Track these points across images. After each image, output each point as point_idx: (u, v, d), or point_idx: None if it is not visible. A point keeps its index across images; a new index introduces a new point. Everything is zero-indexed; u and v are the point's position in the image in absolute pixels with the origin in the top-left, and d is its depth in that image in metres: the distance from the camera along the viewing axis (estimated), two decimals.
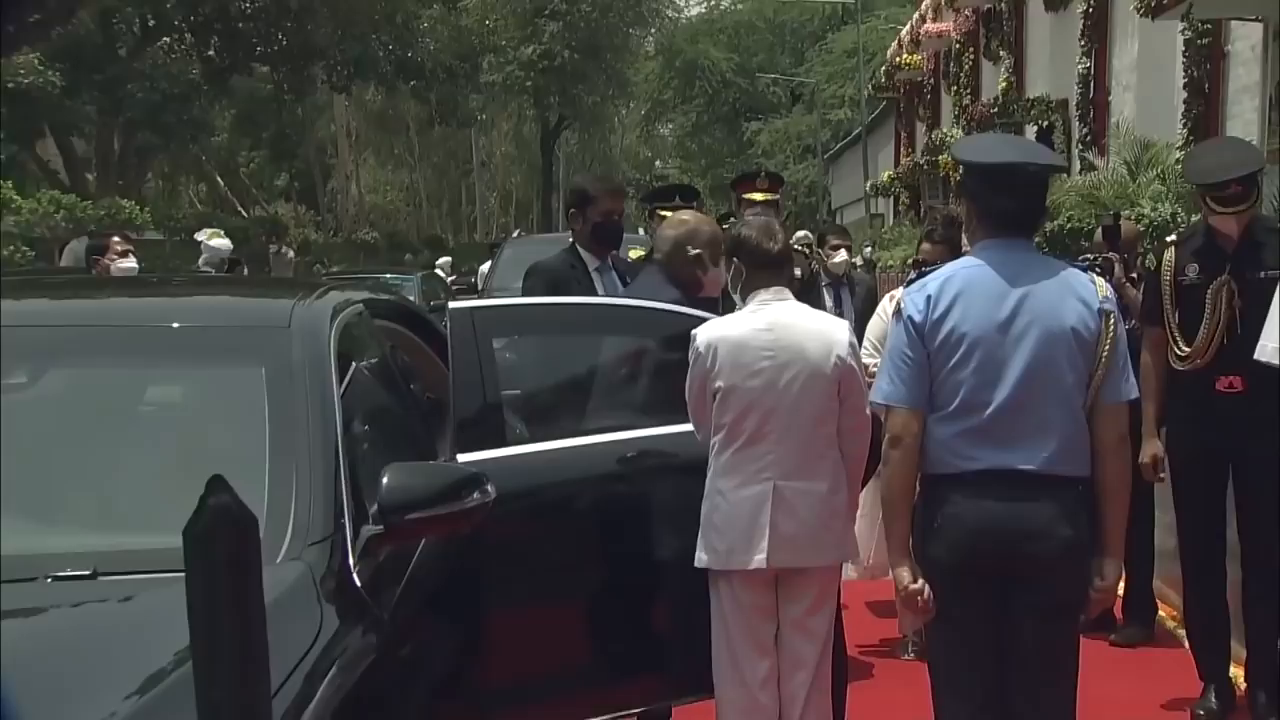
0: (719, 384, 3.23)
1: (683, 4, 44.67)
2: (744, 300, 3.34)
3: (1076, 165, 12.66)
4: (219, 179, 34.88)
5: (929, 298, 2.81)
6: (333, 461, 2.44)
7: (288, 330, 2.71)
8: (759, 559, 3.19)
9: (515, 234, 22.90)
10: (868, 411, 3.24)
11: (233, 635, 1.36)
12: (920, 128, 22.58)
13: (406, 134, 40.42)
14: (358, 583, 2.31)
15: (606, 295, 4.15)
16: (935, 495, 2.81)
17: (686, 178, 41.81)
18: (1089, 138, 13.18)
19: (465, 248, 31.67)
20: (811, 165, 38.26)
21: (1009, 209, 2.82)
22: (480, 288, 14.88)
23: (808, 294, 4.92)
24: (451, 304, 3.49)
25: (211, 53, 25.64)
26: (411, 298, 12.69)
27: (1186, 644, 4.88)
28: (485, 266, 15.90)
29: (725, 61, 42.19)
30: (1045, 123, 14.48)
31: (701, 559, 3.27)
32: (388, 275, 16.47)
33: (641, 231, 8.51)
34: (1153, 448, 4.15)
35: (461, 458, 3.10)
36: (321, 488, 2.37)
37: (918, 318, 2.80)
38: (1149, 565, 4.97)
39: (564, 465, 3.29)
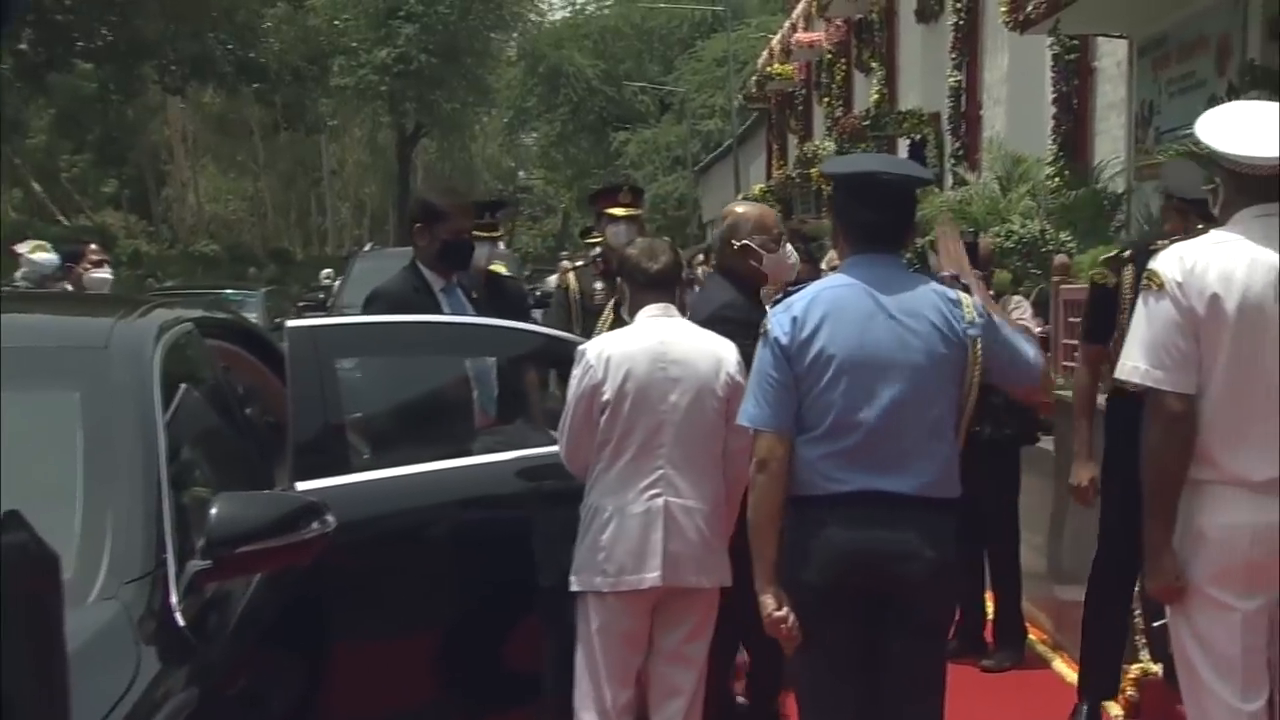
0: (608, 397, 3.29)
1: (546, 8, 44.85)
2: (632, 318, 3.45)
3: (949, 180, 13.08)
4: (35, 184, 33.54)
5: (794, 319, 2.86)
6: (154, 492, 2.37)
7: (105, 351, 2.65)
8: (652, 577, 3.25)
9: (368, 247, 22.59)
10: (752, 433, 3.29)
11: (31, 684, 1.30)
12: (792, 139, 23.04)
13: (250, 139, 39.55)
14: (181, 622, 2.24)
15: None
16: (804, 518, 2.86)
17: (551, 189, 41.94)
18: (961, 152, 13.62)
19: (314, 261, 31.11)
20: (681, 177, 38.69)
21: (871, 221, 2.90)
22: (328, 304, 14.64)
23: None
24: (289, 322, 3.44)
25: (24, 46, 24.64)
26: (254, 315, 12.39)
27: (1059, 665, 5.07)
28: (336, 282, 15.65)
29: (591, 68, 42.41)
30: (918, 136, 14.93)
31: (585, 581, 3.29)
32: (228, 291, 16.06)
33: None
34: (1089, 471, 4.21)
35: (300, 486, 3.05)
36: (141, 520, 2.30)
37: (784, 339, 2.85)
38: (1017, 588, 5.14)
39: (411, 492, 3.26)
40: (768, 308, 3.23)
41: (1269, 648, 2.75)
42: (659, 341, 3.35)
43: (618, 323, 3.75)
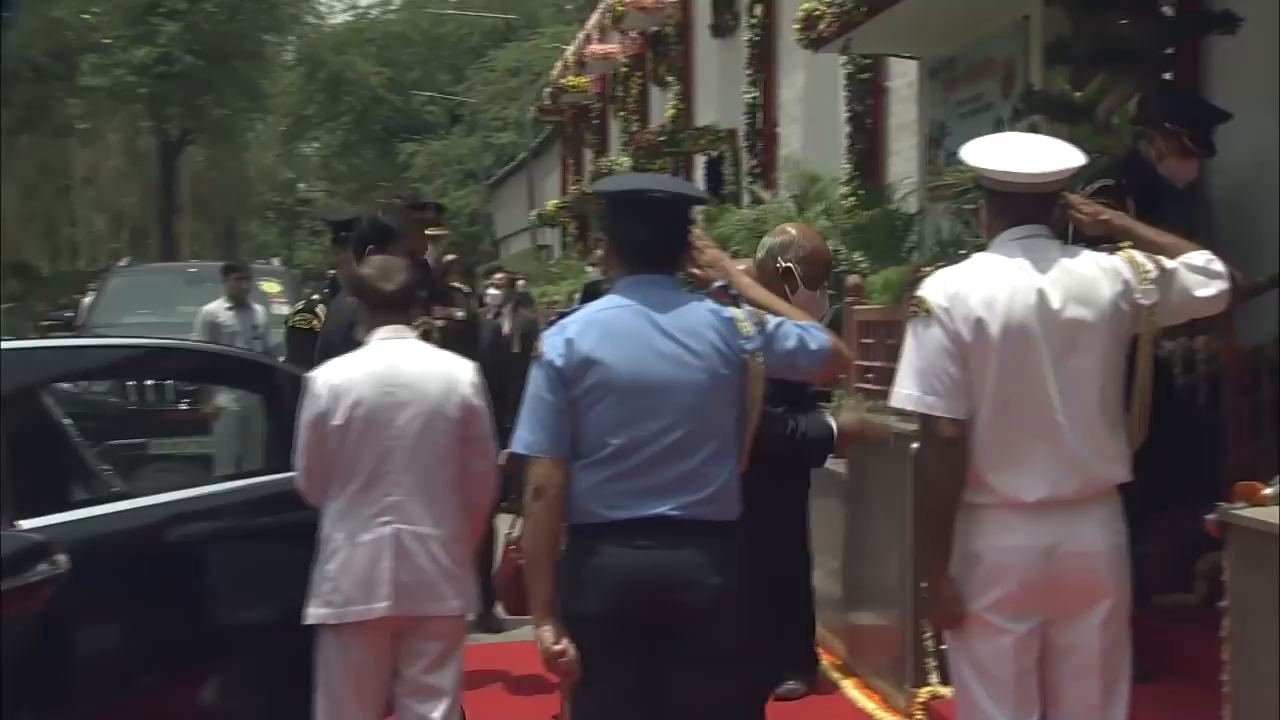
0: (336, 423, 3.33)
1: (325, 11, 44.00)
2: (365, 341, 3.47)
3: (745, 198, 13.42)
4: None
5: (569, 340, 2.89)
6: None
7: None
8: (381, 607, 3.29)
9: (123, 262, 21.58)
10: (494, 456, 3.42)
11: None
12: (588, 154, 23.24)
13: None
14: None
15: None
16: (581, 547, 2.89)
17: (335, 202, 41.04)
18: (758, 170, 14.00)
19: (64, 277, 29.58)
20: (473, 191, 38.52)
21: (640, 239, 2.95)
22: (77, 323, 13.97)
23: (471, 332, 4.97)
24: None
25: None
26: None
27: (851, 690, 5.24)
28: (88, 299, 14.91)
29: (376, 76, 41.84)
30: (715, 153, 15.28)
31: (314, 614, 3.32)
32: None
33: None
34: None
35: (24, 524, 2.93)
36: None
37: (559, 361, 2.88)
38: (810, 615, 5.29)
39: (136, 524, 3.26)
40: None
41: (1041, 668, 2.92)
42: (388, 365, 3.40)
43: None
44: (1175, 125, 4.73)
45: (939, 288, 2.93)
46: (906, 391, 2.92)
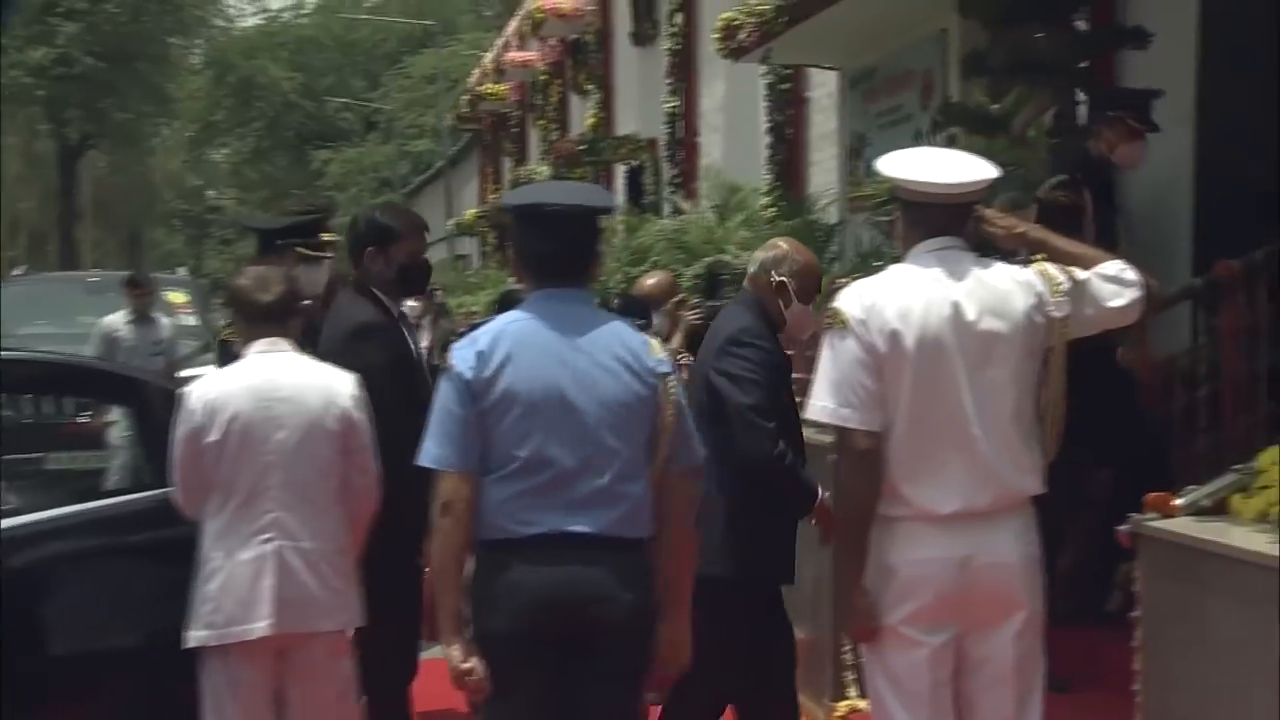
0: (212, 439, 3.32)
1: (234, 14, 43.42)
2: (243, 353, 3.47)
3: (667, 208, 13.48)
4: None
5: (479, 353, 2.89)
6: None
7: None
8: (262, 626, 3.28)
9: (19, 270, 21.06)
10: (375, 468, 3.45)
11: None
12: (507, 162, 23.20)
13: None
14: None
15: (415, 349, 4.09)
16: (491, 563, 2.89)
17: (245, 210, 40.52)
18: (679, 179, 14.08)
19: None
20: (389, 200, 38.23)
21: (546, 253, 2.96)
22: None
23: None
24: None
25: None
26: None
27: None
28: None
29: (288, 81, 41.38)
30: (635, 162, 15.34)
31: (195, 636, 3.30)
32: None
33: None
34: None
35: None
36: None
37: (468, 374, 2.88)
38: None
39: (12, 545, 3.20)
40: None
41: (955, 680, 2.97)
42: (264, 379, 3.40)
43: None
44: (1116, 111, 4.88)
45: (854, 300, 2.97)
46: (822, 404, 2.96)
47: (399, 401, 3.66)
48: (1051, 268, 3.04)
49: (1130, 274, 3.05)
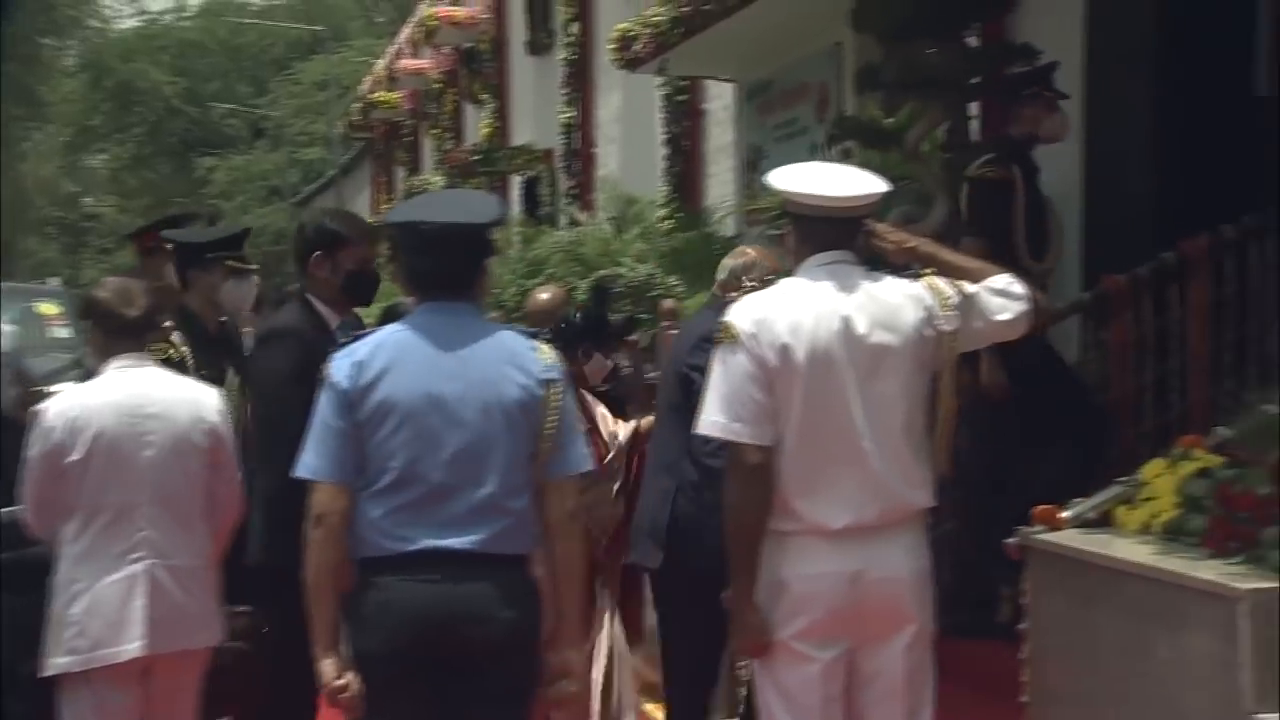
0: (75, 458, 3.27)
1: (111, 15, 42.46)
2: (100, 369, 3.44)
3: (563, 219, 13.50)
4: None
5: (357, 363, 2.88)
6: None
7: None
8: (133, 648, 3.26)
9: None
10: (239, 481, 3.48)
11: None
12: (400, 172, 23.03)
13: None
14: None
15: None
16: (367, 581, 2.87)
17: (126, 218, 39.64)
18: (576, 191, 14.10)
19: None
20: (278, 209, 37.68)
21: (425, 270, 2.96)
22: None
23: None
24: None
25: None
26: None
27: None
28: None
29: (170, 86, 40.57)
30: (532, 172, 15.33)
31: (57, 664, 3.25)
32: None
33: None
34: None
35: None
36: None
37: (345, 384, 2.87)
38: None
39: None
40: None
41: (846, 694, 3.01)
42: (129, 394, 3.37)
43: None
44: (1029, 89, 5.02)
45: (745, 314, 3.01)
46: (713, 418, 2.99)
47: (303, 412, 3.61)
48: (941, 281, 3.10)
49: (1018, 288, 3.13)
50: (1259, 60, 5.94)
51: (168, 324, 4.32)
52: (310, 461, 2.88)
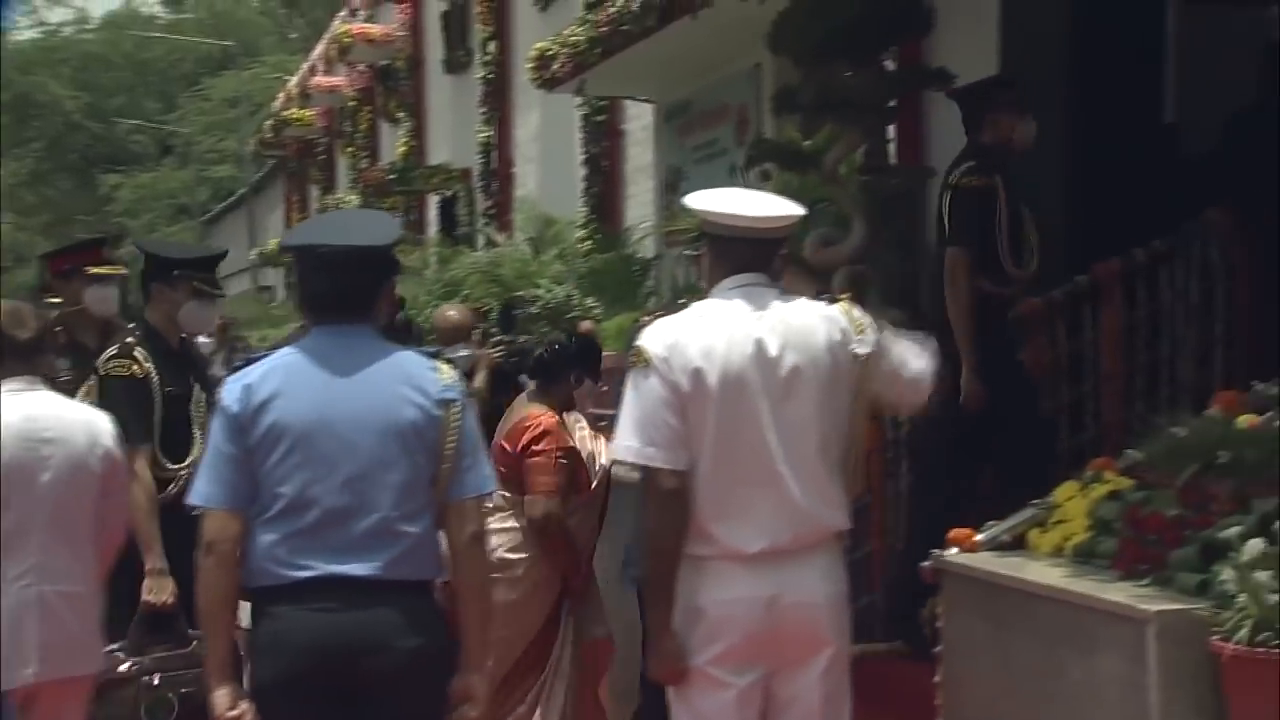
0: None
1: (7, 25, 41.62)
2: None
3: (481, 239, 13.49)
4: None
5: (247, 386, 2.87)
6: None
7: None
8: (26, 674, 3.25)
9: None
10: (127, 506, 3.56)
11: None
12: (314, 190, 22.86)
13: None
14: None
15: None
16: (261, 611, 2.85)
17: (24, 236, 38.83)
18: (494, 211, 14.10)
19: None
20: (187, 228, 37.18)
21: (321, 292, 2.95)
22: None
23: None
24: None
25: None
26: None
27: None
28: None
29: (72, 100, 39.91)
30: (449, 192, 15.31)
31: None
32: None
33: None
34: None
35: None
36: None
37: (235, 408, 2.86)
38: None
39: None
40: None
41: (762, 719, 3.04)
42: (25, 417, 3.36)
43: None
44: (998, 98, 5.10)
45: (658, 338, 3.03)
46: (626, 443, 3.00)
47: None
48: (856, 308, 3.16)
49: (929, 357, 3.20)
50: (1167, 87, 6.13)
51: (130, 340, 4.29)
52: (201, 488, 2.86)
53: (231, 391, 2.88)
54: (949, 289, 4.84)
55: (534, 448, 4.21)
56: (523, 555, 4.24)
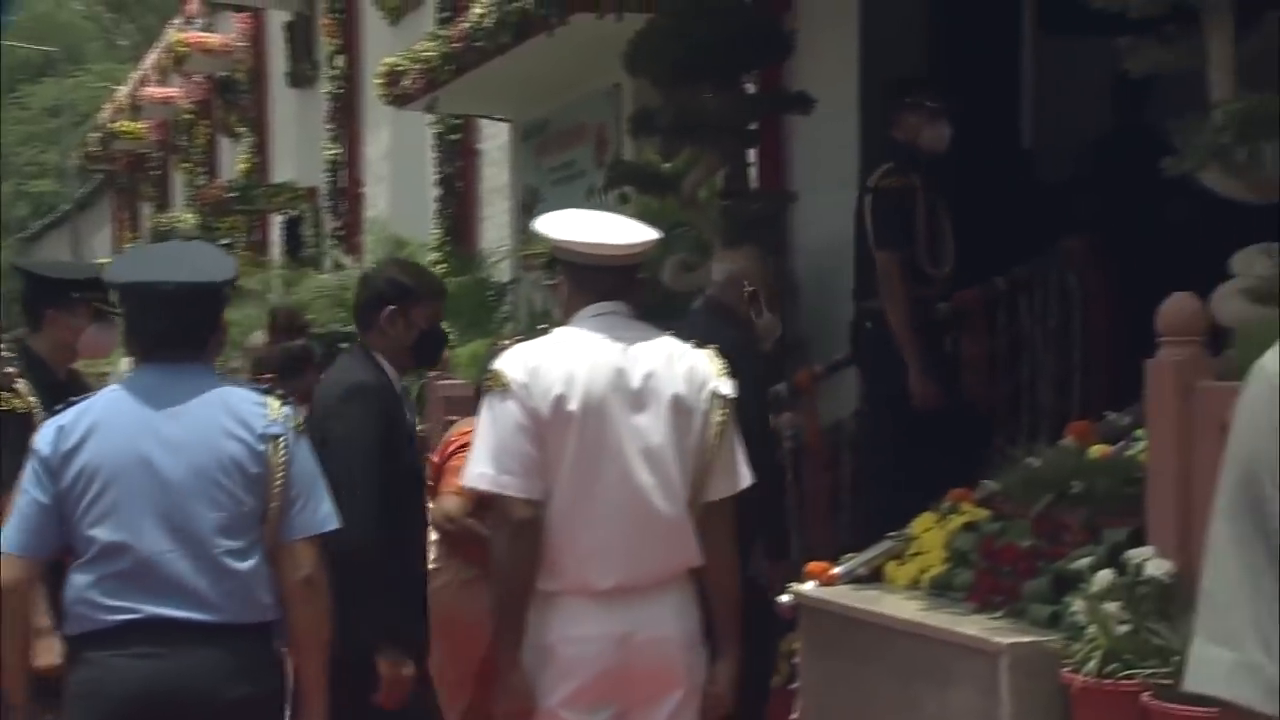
0: None
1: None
2: None
3: (328, 261, 13.34)
4: None
5: (60, 428, 2.86)
6: None
7: None
8: None
9: None
10: None
11: None
12: (146, 208, 22.36)
13: None
14: None
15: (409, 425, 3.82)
16: (77, 656, 2.83)
17: None
18: (342, 232, 13.96)
19: None
20: (5, 245, 36.05)
21: (153, 329, 2.94)
22: None
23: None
24: None
25: None
26: None
27: None
28: None
29: None
30: (294, 212, 15.11)
31: None
32: None
33: None
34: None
35: None
36: None
37: (45, 451, 2.86)
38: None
39: None
40: None
41: None
42: None
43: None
44: (911, 98, 5.21)
45: (518, 362, 3.05)
46: (480, 470, 3.02)
47: (388, 471, 3.53)
48: (719, 358, 3.18)
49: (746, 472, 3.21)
50: (1024, 116, 6.38)
51: (11, 370, 4.05)
52: (7, 533, 2.85)
53: (44, 435, 2.88)
54: (884, 293, 5.02)
55: (457, 455, 4.19)
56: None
